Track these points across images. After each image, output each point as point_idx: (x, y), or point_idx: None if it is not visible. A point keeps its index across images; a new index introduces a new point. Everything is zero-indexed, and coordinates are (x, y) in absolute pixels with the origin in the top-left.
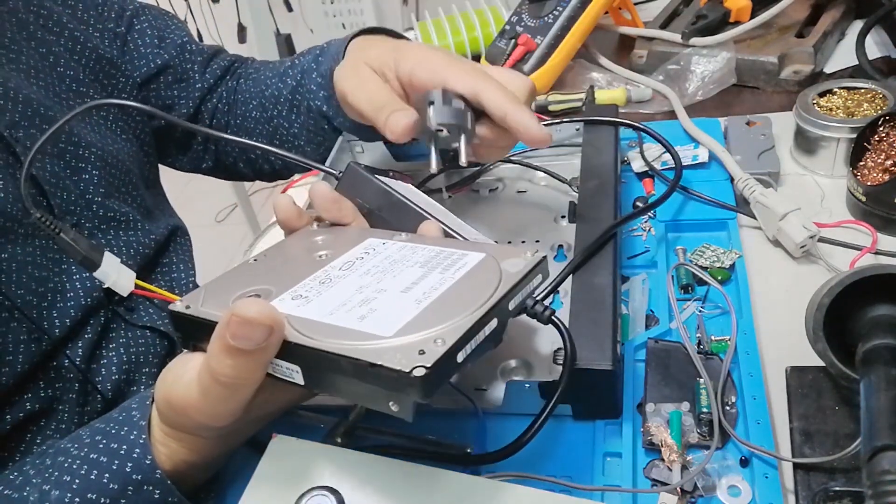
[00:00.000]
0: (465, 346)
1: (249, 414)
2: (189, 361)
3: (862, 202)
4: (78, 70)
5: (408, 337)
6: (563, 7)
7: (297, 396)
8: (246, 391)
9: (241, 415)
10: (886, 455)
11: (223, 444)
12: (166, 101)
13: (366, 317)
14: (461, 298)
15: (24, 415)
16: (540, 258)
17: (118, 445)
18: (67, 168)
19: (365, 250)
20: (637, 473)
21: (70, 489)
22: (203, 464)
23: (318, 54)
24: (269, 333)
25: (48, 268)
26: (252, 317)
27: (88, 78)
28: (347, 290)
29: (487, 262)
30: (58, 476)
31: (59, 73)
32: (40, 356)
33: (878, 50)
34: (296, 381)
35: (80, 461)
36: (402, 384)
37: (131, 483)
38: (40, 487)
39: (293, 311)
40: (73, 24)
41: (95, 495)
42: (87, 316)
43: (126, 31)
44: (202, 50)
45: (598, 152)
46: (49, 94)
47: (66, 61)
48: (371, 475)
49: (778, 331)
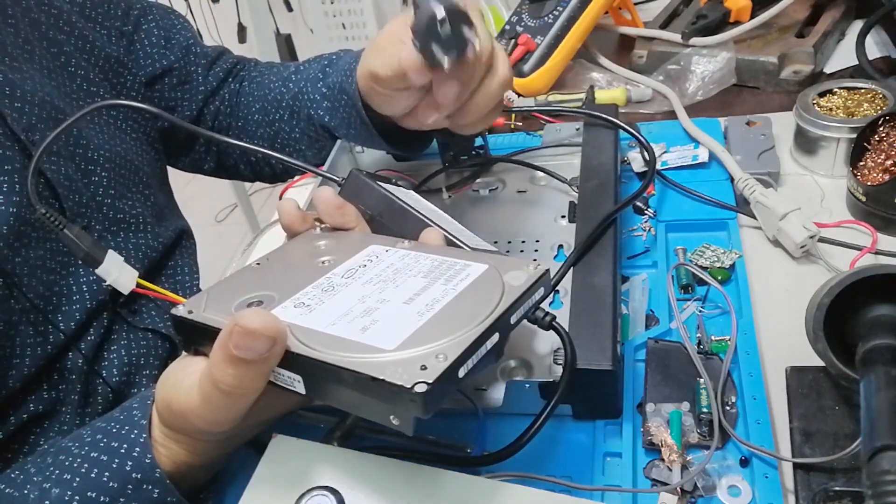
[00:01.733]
0: (466, 361)
1: (250, 419)
2: (190, 366)
3: (862, 202)
4: (88, 69)
5: (409, 351)
6: (563, 7)
7: (298, 402)
8: (247, 399)
9: (242, 420)
10: (886, 455)
11: (223, 447)
12: (169, 103)
13: (368, 328)
14: (463, 312)
15: (29, 416)
16: (542, 271)
17: (119, 444)
18: (79, 171)
19: (367, 257)
20: (637, 473)
21: (70, 487)
22: (203, 465)
23: (325, 65)
24: (271, 344)
25: (56, 270)
26: (255, 328)
27: (98, 77)
28: (350, 299)
29: (490, 275)
30: (58, 474)
31: (70, 72)
32: (46, 358)
33: (878, 50)
34: (297, 389)
35: (81, 459)
36: (403, 399)
37: (131, 482)
38: (41, 485)
39: (295, 319)
40: (81, 22)
41: (95, 493)
42: (91, 318)
43: (133, 31)
44: (206, 52)
45: (598, 152)
46: (62, 95)
47: (77, 61)
48: (371, 475)
49: (778, 331)
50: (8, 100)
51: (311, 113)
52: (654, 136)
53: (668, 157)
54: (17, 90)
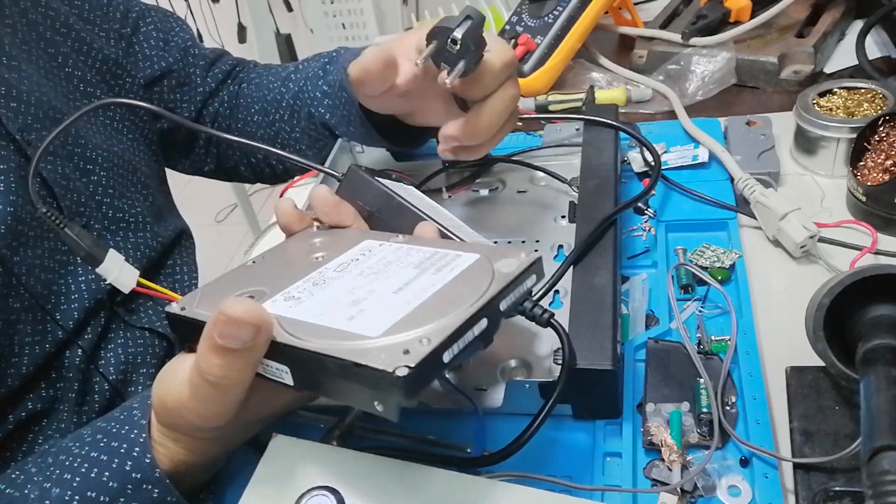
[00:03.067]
0: (451, 346)
1: (244, 416)
2: (184, 362)
3: (862, 202)
4: (85, 71)
5: (394, 337)
6: (563, 7)
7: (292, 400)
8: (235, 391)
9: (235, 417)
10: (886, 455)
11: (221, 446)
12: (168, 105)
13: (354, 317)
14: (451, 298)
15: (27, 414)
16: (534, 259)
17: (119, 444)
18: (77, 170)
19: (361, 252)
20: (637, 473)
21: (70, 487)
22: (202, 464)
23: (326, 62)
24: (255, 332)
25: (55, 269)
26: (238, 316)
27: (95, 78)
28: (340, 291)
29: (481, 263)
30: (59, 474)
31: (68, 73)
32: (45, 357)
33: (878, 50)
34: (285, 381)
35: (81, 459)
36: (385, 384)
37: (130, 482)
38: (41, 485)
39: (284, 311)
40: (79, 24)
41: (95, 493)
42: (89, 317)
43: (131, 33)
44: (205, 54)
45: (598, 152)
46: (59, 95)
47: (74, 62)
48: (371, 475)
49: (778, 331)
50: (3, 99)
51: (311, 111)
52: (654, 136)
53: (668, 157)
54: (13, 90)
